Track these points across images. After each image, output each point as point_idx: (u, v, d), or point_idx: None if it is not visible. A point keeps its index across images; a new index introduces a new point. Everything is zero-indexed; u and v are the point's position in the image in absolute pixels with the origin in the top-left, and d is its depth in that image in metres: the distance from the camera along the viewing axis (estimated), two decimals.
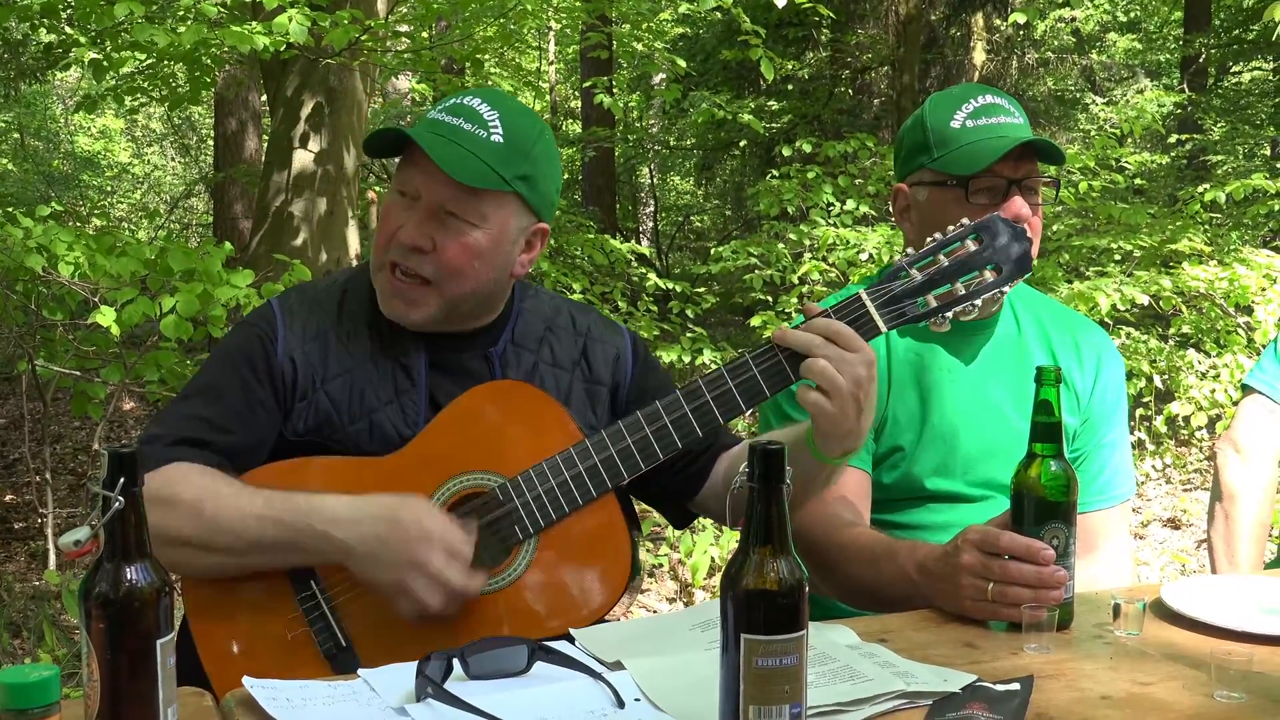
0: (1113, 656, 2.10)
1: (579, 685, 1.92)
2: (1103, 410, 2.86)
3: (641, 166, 19.93)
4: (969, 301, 2.29)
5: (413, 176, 2.36)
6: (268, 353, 2.40)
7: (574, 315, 2.59)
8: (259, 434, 2.38)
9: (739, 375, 2.29)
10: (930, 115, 2.75)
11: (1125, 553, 2.92)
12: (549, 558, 2.32)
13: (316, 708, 1.85)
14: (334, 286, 2.51)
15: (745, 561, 1.66)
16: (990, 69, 16.94)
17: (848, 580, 2.55)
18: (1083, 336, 2.89)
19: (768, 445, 1.66)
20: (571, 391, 2.49)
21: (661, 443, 2.31)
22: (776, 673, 1.64)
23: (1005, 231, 2.30)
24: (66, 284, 5.80)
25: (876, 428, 2.75)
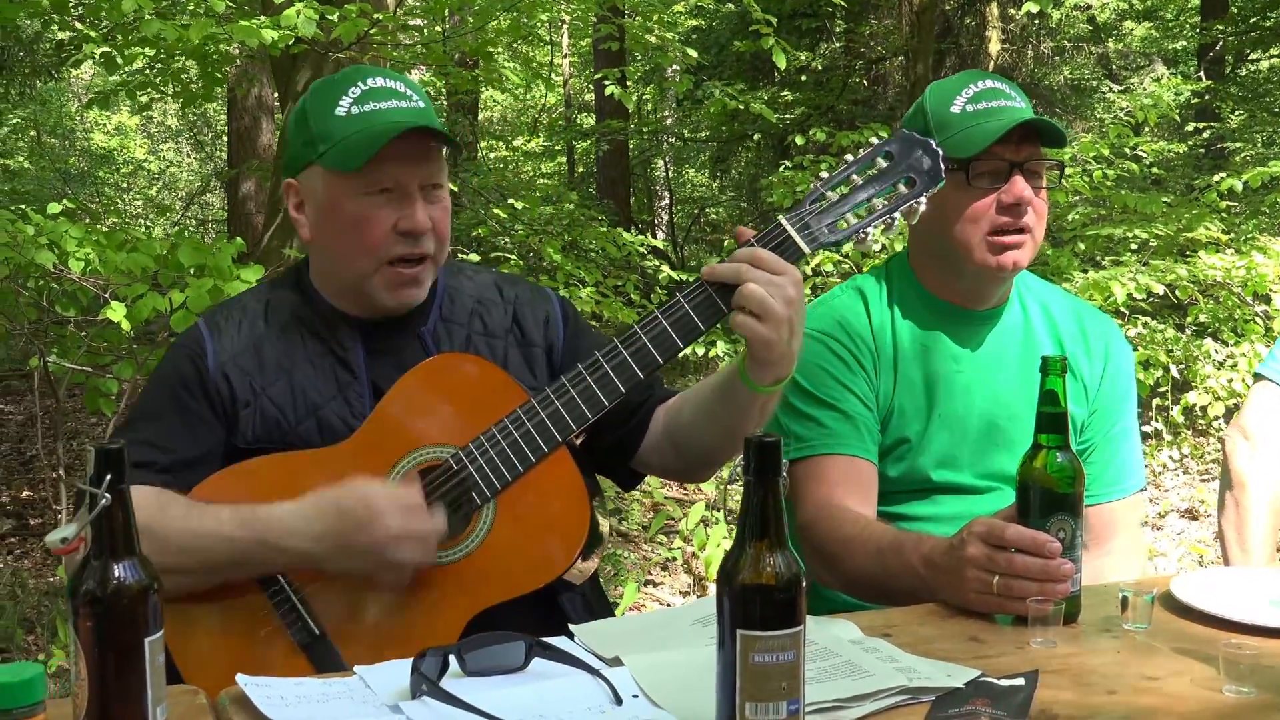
0: (1120, 650, 2.07)
1: (577, 682, 1.90)
2: (1112, 401, 2.83)
3: (657, 159, 19.89)
4: (887, 214, 2.30)
5: (387, 170, 2.35)
6: (199, 369, 2.42)
7: (501, 285, 2.61)
8: (202, 447, 2.39)
9: (672, 314, 2.29)
10: (930, 101, 2.72)
11: (1137, 545, 2.89)
12: (509, 518, 2.31)
13: (311, 705, 1.83)
14: (258, 296, 2.55)
15: (741, 555, 1.63)
16: (1005, 58, 16.86)
17: (853, 573, 2.53)
18: (1091, 325, 2.86)
19: (763, 438, 1.63)
20: (508, 358, 2.51)
21: (605, 389, 2.30)
22: (773, 669, 1.61)
23: (914, 145, 2.33)
24: (77, 280, 5.79)
25: (883, 419, 2.72)
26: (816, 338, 2.74)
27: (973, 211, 2.63)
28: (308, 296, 2.50)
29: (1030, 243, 2.67)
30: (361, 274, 2.40)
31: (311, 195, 2.42)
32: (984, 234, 2.63)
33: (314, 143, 2.38)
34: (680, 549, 6.50)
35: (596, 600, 2.56)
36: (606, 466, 2.64)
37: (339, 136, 2.36)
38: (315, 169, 2.40)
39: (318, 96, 2.43)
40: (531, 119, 20.28)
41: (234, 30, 6.07)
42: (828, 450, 2.66)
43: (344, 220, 2.38)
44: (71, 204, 6.58)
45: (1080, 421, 2.81)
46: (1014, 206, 2.62)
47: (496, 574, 2.29)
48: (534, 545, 2.32)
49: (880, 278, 2.84)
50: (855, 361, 2.72)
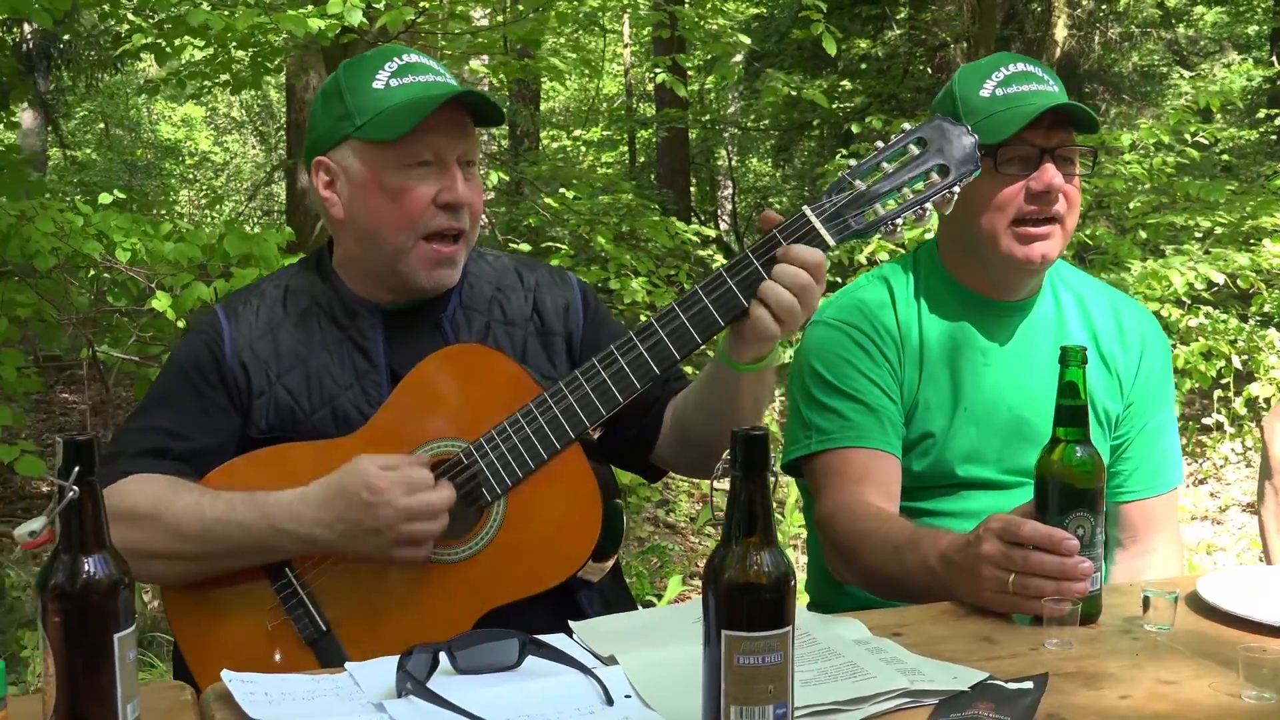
0: (1139, 653, 1.99)
1: (569, 681, 1.85)
2: (1148, 394, 2.74)
3: (719, 149, 19.78)
4: (918, 205, 2.23)
5: (430, 140, 2.32)
6: (216, 356, 2.40)
7: (521, 272, 2.57)
8: (218, 436, 2.37)
9: (690, 308, 2.23)
10: (959, 86, 2.64)
11: (1174, 543, 2.80)
12: (520, 516, 2.26)
13: (295, 703, 1.79)
14: (276, 284, 2.51)
15: (727, 553, 1.57)
16: (1072, 45, 16.61)
17: (871, 569, 2.46)
18: (1127, 317, 2.77)
19: (750, 431, 1.57)
20: (527, 346, 2.47)
21: (619, 385, 2.25)
22: (759, 671, 1.56)
23: (948, 131, 2.24)
24: (124, 270, 5.82)
25: (907, 412, 2.65)
26: (839, 327, 2.68)
27: (1000, 199, 2.55)
28: (329, 282, 2.46)
29: (1060, 233, 2.59)
30: (399, 249, 2.35)
31: (346, 171, 2.37)
32: (1010, 223, 2.55)
33: (350, 116, 2.35)
34: None
35: (617, 596, 2.50)
36: (627, 461, 2.60)
37: (379, 108, 2.33)
38: (351, 143, 2.36)
39: (352, 72, 2.40)
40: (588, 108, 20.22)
41: (280, 19, 6.06)
42: (849, 443, 2.60)
43: (383, 192, 2.34)
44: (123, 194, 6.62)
45: (1115, 416, 2.72)
46: (1043, 194, 2.53)
47: (506, 573, 2.24)
48: (544, 544, 2.27)
49: (908, 267, 2.76)
50: (879, 353, 2.65)
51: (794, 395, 2.73)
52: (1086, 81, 16.12)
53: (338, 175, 2.38)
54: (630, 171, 19.07)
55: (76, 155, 19.70)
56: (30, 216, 5.50)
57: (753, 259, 2.20)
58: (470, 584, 2.24)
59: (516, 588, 2.24)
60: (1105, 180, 8.12)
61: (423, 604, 2.24)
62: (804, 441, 2.65)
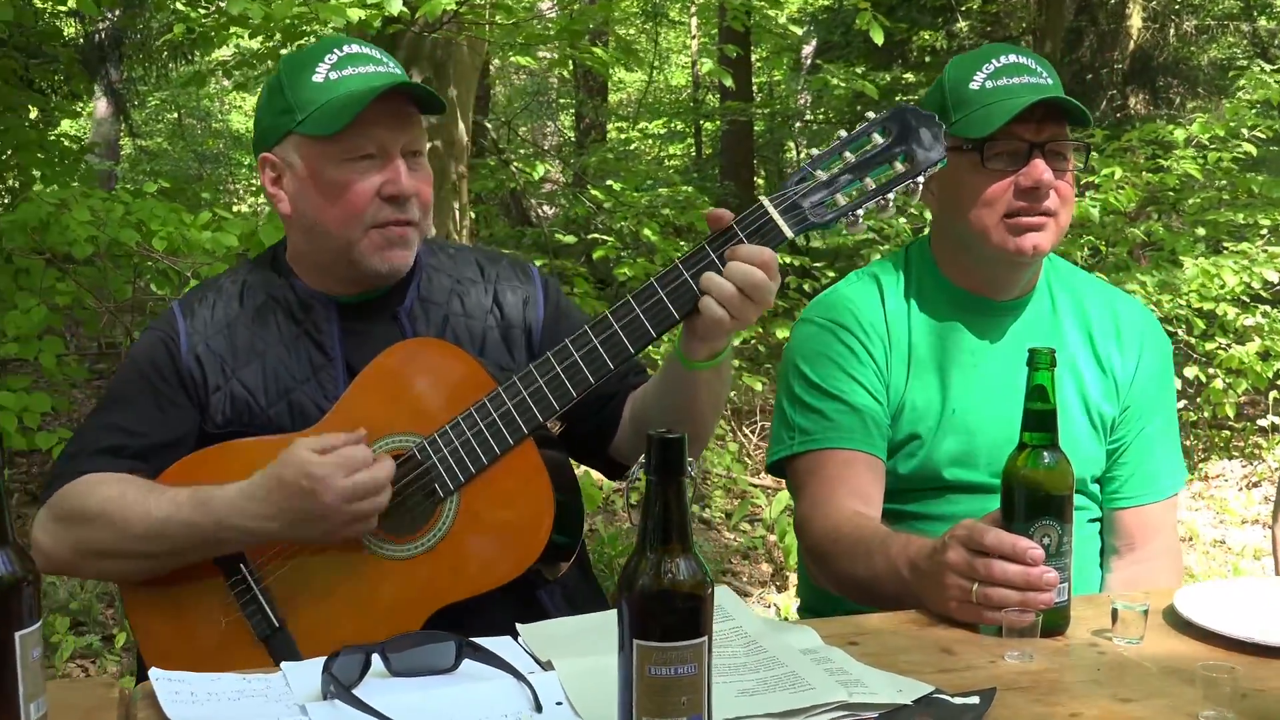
0: (1101, 668, 1.92)
1: (503, 686, 1.81)
2: (1146, 397, 2.65)
3: (788, 141, 19.66)
4: (880, 196, 2.16)
5: (372, 133, 2.29)
6: (171, 353, 2.39)
7: (482, 264, 2.53)
8: (174, 432, 2.36)
9: (645, 301, 2.18)
10: (949, 77, 2.56)
11: (1173, 552, 2.71)
12: (472, 512, 2.22)
13: (220, 703, 1.77)
14: (234, 279, 2.49)
15: (641, 561, 1.52)
16: (1147, 38, 16.32)
17: (842, 574, 2.40)
18: (1126, 318, 2.68)
19: (666, 433, 1.52)
20: (486, 339, 2.43)
21: (574, 379, 2.21)
22: (672, 682, 1.51)
23: (913, 120, 2.17)
24: (160, 259, 5.85)
25: (894, 414, 2.58)
26: (825, 326, 2.62)
27: (988, 195, 2.47)
28: (285, 277, 2.44)
29: (1054, 227, 2.51)
30: (348, 241, 2.32)
31: (290, 167, 2.35)
32: (1000, 217, 2.47)
33: (291, 111, 2.32)
34: (763, 537, 6.37)
35: (584, 592, 2.46)
36: (586, 455, 2.56)
37: (318, 102, 2.30)
38: (293, 139, 2.33)
39: (292, 66, 2.38)
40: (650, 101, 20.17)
41: (320, 9, 6.05)
42: (830, 444, 2.53)
43: (326, 188, 2.31)
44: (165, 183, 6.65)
45: (1111, 419, 2.64)
46: (1032, 190, 2.45)
47: (459, 569, 2.21)
48: (496, 541, 2.24)
49: (899, 264, 2.69)
50: (865, 352, 2.58)
51: (779, 395, 2.67)
52: (1161, 75, 15.81)
53: (283, 171, 2.36)
54: (696, 164, 19.00)
55: (147, 145, 19.92)
56: (69, 205, 5.55)
57: (709, 251, 2.15)
58: (423, 580, 2.21)
59: (469, 584, 2.21)
60: (1159, 176, 7.95)
61: (376, 601, 2.21)
62: (787, 442, 2.60)
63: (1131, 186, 7.74)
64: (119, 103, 16.56)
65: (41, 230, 5.57)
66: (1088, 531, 2.66)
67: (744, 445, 7.54)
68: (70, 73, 8.84)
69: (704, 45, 18.76)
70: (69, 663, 4.92)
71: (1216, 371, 7.66)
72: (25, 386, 5.47)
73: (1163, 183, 7.89)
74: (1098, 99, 14.49)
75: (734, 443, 7.07)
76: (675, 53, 21.88)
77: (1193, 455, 7.90)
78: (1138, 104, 14.86)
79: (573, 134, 19.14)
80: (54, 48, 8.42)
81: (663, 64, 16.70)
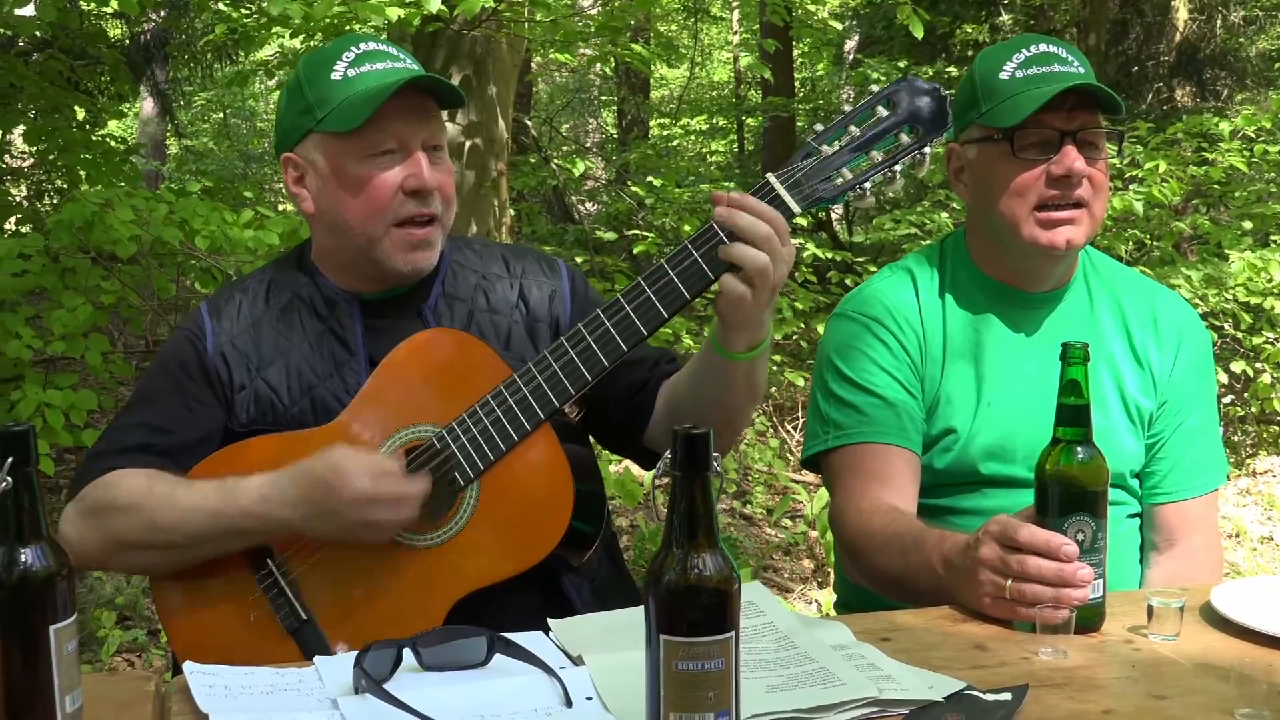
0: (1136, 665, 1.91)
1: (534, 681, 1.81)
2: (1184, 392, 2.62)
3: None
4: (886, 168, 2.16)
5: (391, 128, 2.31)
6: (198, 352, 2.42)
7: (508, 259, 2.54)
8: (201, 430, 2.38)
9: (656, 282, 2.19)
10: (979, 68, 2.55)
11: (1211, 548, 2.68)
12: (493, 499, 2.23)
13: (253, 696, 1.78)
14: (260, 279, 2.51)
15: (667, 556, 1.52)
16: (1193, 29, 16.16)
17: (877, 569, 2.40)
18: (1163, 310, 2.65)
19: (691, 429, 1.52)
20: (511, 334, 2.44)
21: (587, 363, 2.21)
22: (699, 678, 1.51)
23: (917, 92, 2.17)
24: (203, 257, 5.90)
25: (929, 408, 2.57)
26: (859, 321, 2.61)
27: (1019, 184, 2.46)
28: (310, 275, 2.46)
29: (1087, 219, 2.49)
30: (371, 239, 2.34)
31: (312, 165, 2.37)
32: (1031, 208, 2.46)
33: (311, 110, 2.34)
34: (804, 533, 6.36)
35: (614, 587, 2.46)
36: (619, 445, 2.56)
37: (337, 99, 2.32)
38: (314, 137, 2.35)
39: (310, 66, 2.39)
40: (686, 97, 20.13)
41: (360, 9, 6.08)
42: (865, 439, 2.53)
43: (349, 184, 2.33)
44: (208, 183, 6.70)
45: (1149, 413, 2.61)
46: (1064, 179, 2.44)
47: (481, 557, 2.22)
48: (516, 527, 2.24)
49: (934, 258, 2.68)
50: (900, 346, 2.58)
51: (814, 390, 2.67)
52: (1208, 67, 15.66)
53: (305, 170, 2.38)
54: (739, 159, 18.97)
55: (193, 144, 20.07)
56: (113, 205, 5.60)
57: (717, 229, 2.14)
58: (446, 569, 2.22)
59: (492, 570, 2.22)
60: (1204, 169, 7.88)
61: (401, 589, 2.22)
62: (821, 437, 2.59)
63: (1176, 180, 7.67)
64: (165, 103, 16.71)
65: (86, 230, 5.62)
66: (1127, 527, 2.64)
67: (785, 441, 7.53)
68: (116, 74, 8.91)
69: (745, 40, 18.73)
70: (115, 657, 4.97)
71: (1264, 366, 7.58)
72: (72, 384, 5.52)
73: (1208, 176, 7.81)
74: (1144, 91, 14.37)
75: (775, 438, 7.06)
76: (717, 49, 21.84)
77: (1240, 450, 7.82)
78: (1184, 96, 14.73)
79: (615, 130, 19.15)
80: (99, 49, 8.48)
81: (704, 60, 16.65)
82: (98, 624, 5.15)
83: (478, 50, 7.58)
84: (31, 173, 8.60)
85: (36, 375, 5.63)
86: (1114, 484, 2.55)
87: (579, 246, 9.75)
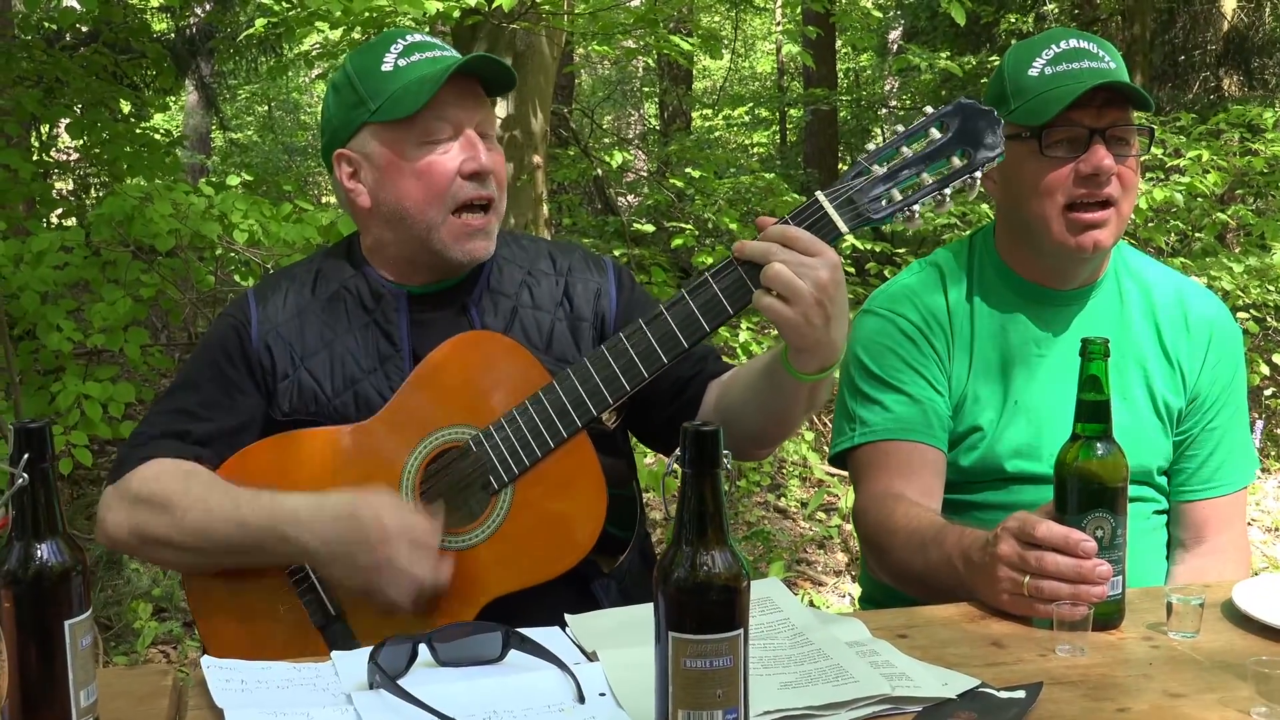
0: (1154, 662, 1.90)
1: (548, 676, 1.82)
2: (1214, 390, 2.60)
3: (874, 129, 19.50)
4: (937, 191, 2.13)
5: (446, 114, 2.32)
6: (242, 339, 2.42)
7: (554, 256, 2.53)
8: (241, 417, 2.39)
9: (700, 294, 2.17)
10: (1009, 65, 2.53)
11: (1238, 546, 2.66)
12: (526, 505, 2.24)
13: (269, 691, 1.80)
14: (308, 268, 2.51)
15: (677, 553, 1.53)
16: (1241, 18, 15.98)
17: (899, 565, 2.39)
18: (1195, 308, 2.63)
19: (701, 426, 1.52)
20: (554, 331, 2.43)
21: (627, 374, 2.20)
22: (707, 675, 1.51)
23: (972, 115, 2.13)
24: (241, 251, 5.94)
25: (955, 405, 2.56)
26: (886, 317, 2.60)
27: (1048, 183, 2.44)
28: (358, 267, 2.47)
29: (1115, 218, 2.47)
30: (430, 225, 2.34)
31: (368, 157, 2.37)
32: (1061, 208, 2.44)
33: (363, 102, 2.35)
34: (838, 526, 6.35)
35: (642, 586, 2.46)
36: (661, 445, 2.55)
37: (391, 89, 2.33)
38: (369, 128, 2.36)
39: (359, 60, 2.40)
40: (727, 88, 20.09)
41: (399, 2, 6.11)
42: (891, 436, 2.52)
43: (407, 171, 2.33)
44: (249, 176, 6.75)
45: (1178, 410, 2.59)
46: (1093, 177, 2.42)
47: (511, 562, 2.23)
48: (548, 534, 2.25)
49: (962, 254, 2.66)
50: (927, 343, 2.57)
51: (841, 386, 2.66)
52: (1256, 56, 15.48)
53: (359, 164, 2.38)
54: (781, 151, 18.92)
55: (238, 137, 20.19)
56: (152, 199, 5.65)
57: None
58: (475, 571, 2.22)
59: (523, 576, 2.22)
60: (1246, 160, 7.79)
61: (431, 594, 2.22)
62: (848, 434, 2.59)
63: (1218, 170, 7.60)
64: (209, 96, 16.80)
65: (127, 223, 5.67)
66: (1154, 523, 2.62)
67: (821, 434, 7.51)
68: (160, 68, 8.97)
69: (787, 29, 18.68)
70: (151, 648, 5.01)
71: None
72: (111, 376, 5.58)
73: (1251, 166, 7.73)
74: (1190, 81, 14.22)
75: (810, 431, 7.04)
76: (759, 39, 21.79)
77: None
78: (1231, 86, 14.56)
79: (657, 122, 19.13)
80: (143, 43, 8.54)
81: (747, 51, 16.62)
82: (134, 616, 5.19)
83: (517, 43, 7.59)
84: (77, 166, 8.67)
85: (77, 368, 5.68)
86: (1142, 481, 2.55)
87: (618, 238, 9.76)
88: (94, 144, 7.70)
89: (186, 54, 14.09)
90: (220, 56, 14.80)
